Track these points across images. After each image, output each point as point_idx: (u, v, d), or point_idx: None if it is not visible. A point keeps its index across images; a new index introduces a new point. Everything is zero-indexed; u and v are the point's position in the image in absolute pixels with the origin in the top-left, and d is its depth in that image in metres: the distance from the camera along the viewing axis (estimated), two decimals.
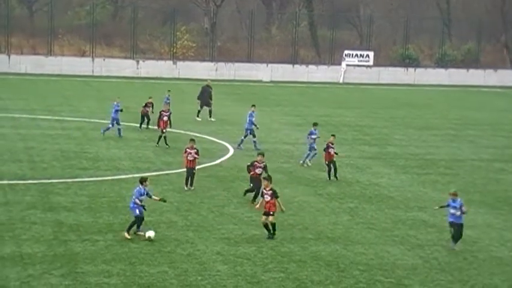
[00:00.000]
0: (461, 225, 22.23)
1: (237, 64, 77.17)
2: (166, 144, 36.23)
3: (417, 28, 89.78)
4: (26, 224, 23.05)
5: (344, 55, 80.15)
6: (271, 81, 75.11)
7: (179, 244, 21.84)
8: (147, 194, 22.57)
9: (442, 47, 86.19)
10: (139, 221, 22.39)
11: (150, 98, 42.43)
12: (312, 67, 79.78)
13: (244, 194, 27.13)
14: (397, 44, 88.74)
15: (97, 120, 43.84)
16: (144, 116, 41.37)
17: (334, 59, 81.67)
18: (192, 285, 18.76)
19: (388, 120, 50.70)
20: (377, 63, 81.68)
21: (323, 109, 55.29)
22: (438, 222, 25.13)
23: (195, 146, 28.41)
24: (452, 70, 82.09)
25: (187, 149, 28.27)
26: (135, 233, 22.25)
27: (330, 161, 31.14)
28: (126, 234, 22.13)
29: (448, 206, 22.47)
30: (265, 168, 26.61)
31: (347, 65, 79.46)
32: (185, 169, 28.44)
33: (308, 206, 26.81)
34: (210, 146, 37.81)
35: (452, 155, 38.71)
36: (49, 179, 29.22)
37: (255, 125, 37.33)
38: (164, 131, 36.65)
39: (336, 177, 31.01)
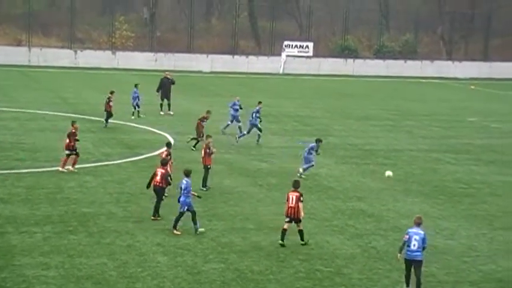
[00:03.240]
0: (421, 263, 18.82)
1: (177, 55, 76.73)
2: None
3: (356, 20, 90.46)
4: None
5: (284, 46, 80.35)
6: (212, 72, 74.91)
7: (118, 235, 21.67)
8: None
9: (381, 38, 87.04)
10: (194, 214, 22.19)
11: (111, 92, 40.75)
12: (252, 58, 79.81)
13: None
14: (336, 35, 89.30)
15: (34, 111, 43.18)
16: (109, 112, 39.72)
17: (274, 50, 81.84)
18: (131, 276, 18.64)
19: (328, 110, 51.02)
20: (317, 54, 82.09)
21: (263, 99, 55.04)
22: (376, 212, 25.44)
23: (210, 142, 27.42)
24: (390, 61, 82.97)
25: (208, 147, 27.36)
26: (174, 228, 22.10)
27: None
28: (175, 231, 22.02)
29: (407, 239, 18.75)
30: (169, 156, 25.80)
31: (287, 56, 79.67)
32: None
33: (249, 197, 26.86)
34: (150, 137, 37.59)
35: (391, 145, 39.17)
36: None
37: (260, 119, 37.33)
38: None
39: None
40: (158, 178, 23.34)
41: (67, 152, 29.06)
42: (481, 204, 27.17)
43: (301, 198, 21.55)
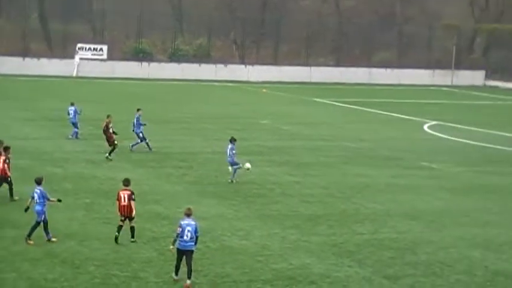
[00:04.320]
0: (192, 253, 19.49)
1: None
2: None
3: (150, 23, 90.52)
4: None
5: (77, 48, 79.02)
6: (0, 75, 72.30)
7: None
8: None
9: (175, 42, 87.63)
10: (46, 224, 21.76)
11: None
12: (44, 60, 77.92)
13: None
14: (130, 39, 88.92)
15: None
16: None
17: (67, 53, 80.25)
18: None
19: (124, 113, 50.65)
20: (111, 57, 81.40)
21: (56, 103, 54.06)
22: (171, 214, 25.56)
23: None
24: (185, 65, 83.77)
25: None
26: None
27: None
28: (30, 241, 21.54)
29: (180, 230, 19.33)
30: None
31: (80, 59, 78.40)
32: None
33: None
34: None
35: (186, 148, 39.53)
36: None
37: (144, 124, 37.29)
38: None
39: None
40: None
41: None
42: (273, 205, 27.98)
43: (133, 197, 22.04)
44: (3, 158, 26.53)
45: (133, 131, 37.59)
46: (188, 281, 18.92)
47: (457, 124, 54.33)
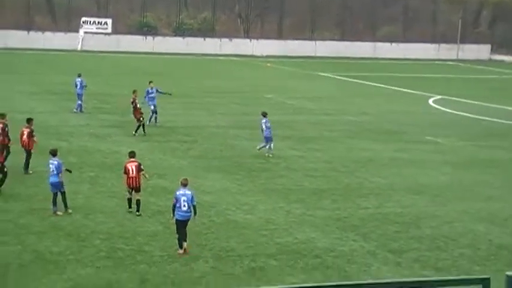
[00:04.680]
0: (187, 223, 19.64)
1: None
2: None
3: None
4: None
5: (82, 22, 78.82)
6: (5, 48, 72.21)
7: None
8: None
9: (179, 16, 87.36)
10: (58, 196, 21.97)
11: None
12: (48, 34, 77.72)
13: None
14: (135, 12, 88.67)
15: None
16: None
17: (72, 26, 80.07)
18: None
19: (128, 88, 50.61)
20: (116, 31, 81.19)
21: (60, 77, 54.07)
22: (175, 188, 25.57)
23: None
24: (189, 39, 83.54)
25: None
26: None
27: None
28: (59, 213, 21.76)
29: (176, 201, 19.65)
30: (3, 131, 25.24)
31: (85, 32, 78.23)
32: None
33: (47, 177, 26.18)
34: None
35: (191, 122, 39.54)
36: None
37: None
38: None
39: None
40: None
41: None
42: (277, 179, 28.03)
43: (141, 167, 22.33)
44: (27, 130, 26.62)
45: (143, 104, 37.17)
46: (185, 243, 19.36)
47: (462, 98, 54.22)
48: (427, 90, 57.86)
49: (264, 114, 31.82)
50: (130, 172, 22.21)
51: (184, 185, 19.81)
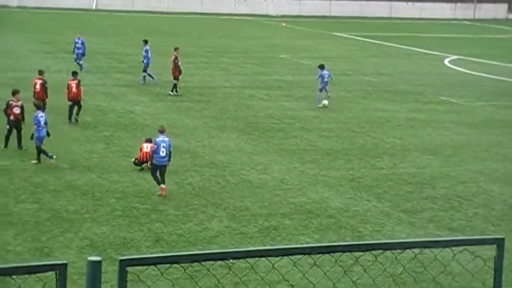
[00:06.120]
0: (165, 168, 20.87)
1: None
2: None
3: None
4: None
5: None
6: (19, 7, 72.08)
7: None
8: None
9: None
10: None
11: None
12: None
13: (6, 144, 24.44)
14: None
15: None
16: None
17: None
18: None
19: (142, 48, 50.53)
20: None
21: (73, 36, 53.93)
22: (192, 148, 25.69)
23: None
24: None
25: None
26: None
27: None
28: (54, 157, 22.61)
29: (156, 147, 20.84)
30: (22, 108, 24.71)
31: None
32: None
33: (62, 136, 26.28)
34: None
35: (205, 82, 39.48)
36: None
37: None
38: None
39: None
40: None
41: None
42: (292, 139, 28.03)
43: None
44: (40, 82, 27.77)
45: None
46: (163, 185, 20.42)
47: (478, 58, 53.82)
48: (443, 50, 57.45)
49: (323, 67, 33.75)
50: (145, 148, 22.44)
51: (162, 131, 20.98)
